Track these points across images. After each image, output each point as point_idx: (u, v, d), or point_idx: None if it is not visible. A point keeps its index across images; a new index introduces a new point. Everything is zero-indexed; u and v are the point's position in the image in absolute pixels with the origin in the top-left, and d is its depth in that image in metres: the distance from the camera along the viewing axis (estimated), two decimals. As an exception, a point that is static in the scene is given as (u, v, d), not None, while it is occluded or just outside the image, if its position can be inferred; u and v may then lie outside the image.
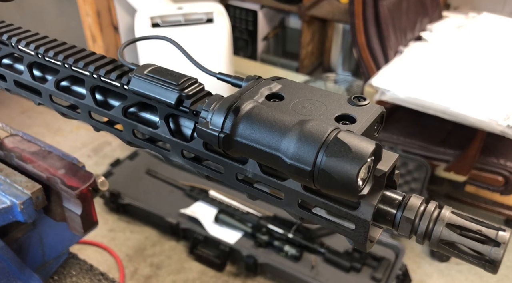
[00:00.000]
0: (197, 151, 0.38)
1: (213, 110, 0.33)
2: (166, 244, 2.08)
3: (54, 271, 0.74)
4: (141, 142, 0.42)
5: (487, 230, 0.31)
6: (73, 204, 0.61)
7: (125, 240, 2.11)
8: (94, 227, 0.64)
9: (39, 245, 0.68)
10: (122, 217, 2.19)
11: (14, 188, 0.60)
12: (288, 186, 0.34)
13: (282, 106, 0.34)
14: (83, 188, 0.60)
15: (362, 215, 0.32)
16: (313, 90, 0.36)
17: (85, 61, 0.43)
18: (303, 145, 0.29)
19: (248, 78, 0.38)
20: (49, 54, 0.45)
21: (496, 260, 0.30)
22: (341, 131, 0.29)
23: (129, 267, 2.00)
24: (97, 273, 0.75)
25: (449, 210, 0.32)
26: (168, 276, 1.95)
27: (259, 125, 0.31)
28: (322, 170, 0.29)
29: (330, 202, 0.33)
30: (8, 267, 0.62)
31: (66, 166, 0.64)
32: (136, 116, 0.43)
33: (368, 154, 0.28)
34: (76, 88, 0.46)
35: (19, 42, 0.46)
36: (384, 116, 0.35)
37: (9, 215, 0.59)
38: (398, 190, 0.34)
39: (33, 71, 0.47)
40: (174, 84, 0.38)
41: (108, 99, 0.45)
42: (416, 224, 0.32)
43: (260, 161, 0.34)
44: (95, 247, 2.06)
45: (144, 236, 2.12)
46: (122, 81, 0.41)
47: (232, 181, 0.37)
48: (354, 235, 0.33)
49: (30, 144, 0.68)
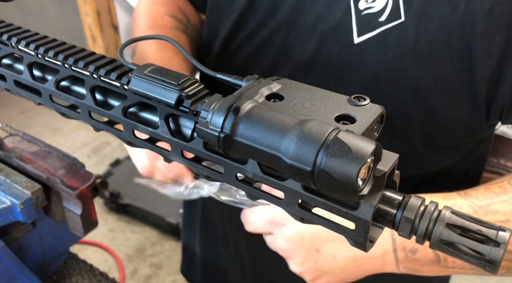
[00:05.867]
0: (197, 151, 0.38)
1: (213, 110, 0.33)
2: (166, 244, 2.08)
3: (54, 271, 0.74)
4: (141, 142, 0.42)
5: (487, 230, 0.31)
6: (73, 204, 0.61)
7: (125, 240, 2.11)
8: (94, 227, 0.64)
9: (39, 245, 0.68)
10: (122, 217, 2.19)
11: (14, 188, 0.60)
12: (288, 186, 0.34)
13: (282, 106, 0.34)
14: (83, 188, 0.60)
15: (362, 215, 0.32)
16: (313, 90, 0.36)
17: (85, 61, 0.43)
18: (303, 145, 0.29)
19: (248, 78, 0.38)
20: (49, 54, 0.45)
21: (496, 260, 0.30)
22: (341, 131, 0.29)
23: (129, 267, 2.00)
24: (97, 273, 0.75)
25: (449, 210, 0.32)
26: (168, 276, 1.95)
27: (259, 125, 0.31)
28: (322, 170, 0.29)
29: (330, 202, 0.33)
30: (8, 267, 0.62)
31: (66, 166, 0.64)
32: (136, 116, 0.43)
33: (368, 154, 0.28)
34: (76, 88, 0.46)
35: (19, 42, 0.46)
36: (384, 116, 0.35)
37: (9, 215, 0.59)
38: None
39: (33, 71, 0.47)
40: (174, 84, 0.38)
41: (108, 99, 0.45)
42: (416, 224, 0.32)
43: (260, 161, 0.34)
44: (95, 247, 2.07)
45: (144, 236, 2.12)
46: (122, 81, 0.41)
47: (232, 181, 0.37)
48: (354, 235, 0.33)
49: (30, 144, 0.68)
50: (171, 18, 0.84)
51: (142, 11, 0.86)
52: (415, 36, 0.61)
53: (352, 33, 0.64)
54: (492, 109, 0.63)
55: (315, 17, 0.66)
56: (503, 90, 0.61)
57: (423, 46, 0.61)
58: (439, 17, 0.59)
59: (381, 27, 0.62)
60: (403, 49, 0.62)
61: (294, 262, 0.64)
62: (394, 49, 0.62)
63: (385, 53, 0.62)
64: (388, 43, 0.62)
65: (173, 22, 0.84)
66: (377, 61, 0.63)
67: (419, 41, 0.61)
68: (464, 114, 0.64)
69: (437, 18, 0.60)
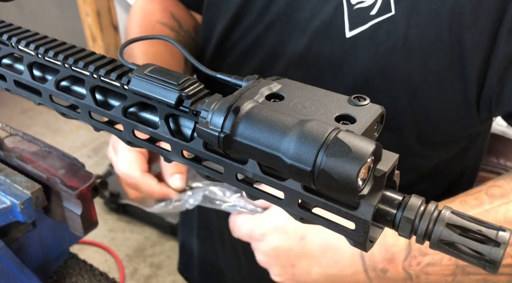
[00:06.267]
0: (197, 151, 0.38)
1: (213, 110, 0.33)
2: (166, 244, 2.08)
3: (54, 271, 0.74)
4: (141, 142, 0.42)
5: (487, 230, 0.31)
6: (73, 204, 0.61)
7: (125, 240, 2.11)
8: (94, 227, 0.64)
9: (39, 245, 0.68)
10: (122, 217, 2.19)
11: (14, 188, 0.60)
12: (288, 186, 0.34)
13: (282, 106, 0.34)
14: (83, 188, 0.60)
15: (362, 215, 0.32)
16: (313, 90, 0.36)
17: (85, 61, 0.43)
18: (303, 145, 0.29)
19: (248, 78, 0.38)
20: (49, 54, 0.44)
21: (496, 260, 0.30)
22: (341, 131, 0.29)
23: (129, 267, 2.00)
24: (97, 273, 0.75)
25: (449, 210, 0.32)
26: (168, 276, 1.95)
27: (259, 125, 0.31)
28: (322, 170, 0.29)
29: (330, 202, 0.33)
30: (8, 267, 0.62)
31: (66, 166, 0.64)
32: (136, 116, 0.43)
33: (368, 154, 0.28)
34: (76, 88, 0.46)
35: (19, 42, 0.46)
36: (384, 116, 0.35)
37: (9, 215, 0.59)
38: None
39: (33, 71, 0.47)
40: (174, 84, 0.38)
41: (108, 99, 0.45)
42: (416, 224, 0.32)
43: (260, 161, 0.34)
44: (95, 247, 2.07)
45: (144, 236, 2.12)
46: (122, 81, 0.41)
47: (232, 181, 0.37)
48: (354, 235, 0.33)
49: (30, 144, 0.68)
50: (162, 26, 0.86)
51: (135, 21, 0.88)
52: (406, 30, 0.62)
53: (344, 28, 0.65)
54: (482, 101, 0.64)
55: (309, 13, 0.67)
56: (490, 82, 0.62)
57: (413, 40, 0.62)
58: (429, 11, 0.60)
59: (372, 20, 0.63)
60: (394, 42, 0.62)
61: (272, 273, 0.67)
62: (385, 42, 0.63)
63: (377, 47, 0.63)
64: (379, 36, 0.63)
65: (163, 31, 0.85)
66: (368, 55, 0.64)
67: (409, 34, 0.62)
68: (455, 108, 0.65)
69: (426, 11, 0.61)
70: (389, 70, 0.64)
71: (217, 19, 0.78)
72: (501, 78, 0.61)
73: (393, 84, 0.64)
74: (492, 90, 0.62)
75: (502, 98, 0.63)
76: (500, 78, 0.61)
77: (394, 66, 0.63)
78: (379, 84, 0.65)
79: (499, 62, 0.60)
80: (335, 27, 0.65)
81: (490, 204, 0.59)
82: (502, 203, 0.59)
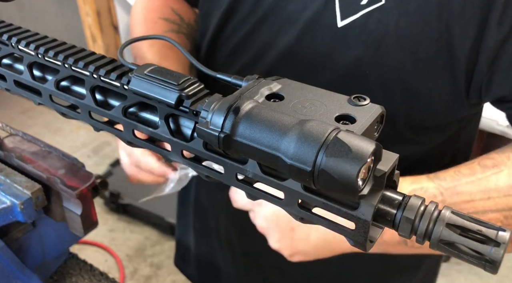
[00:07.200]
0: (197, 151, 0.38)
1: (213, 110, 0.33)
2: (166, 244, 2.08)
3: (54, 271, 0.74)
4: (141, 142, 0.42)
5: (487, 230, 0.31)
6: (73, 204, 0.61)
7: (125, 240, 2.11)
8: (94, 227, 0.64)
9: (39, 245, 0.68)
10: (122, 217, 2.19)
11: (14, 188, 0.60)
12: (288, 186, 0.34)
13: (282, 106, 0.34)
14: (83, 188, 0.60)
15: (362, 215, 0.32)
16: (313, 90, 0.36)
17: (85, 61, 0.43)
18: (303, 145, 0.29)
19: (248, 78, 0.38)
20: (49, 54, 0.45)
21: (496, 260, 0.30)
22: (341, 131, 0.29)
23: (129, 267, 2.00)
24: (97, 273, 0.75)
25: (449, 210, 0.32)
26: (168, 276, 1.95)
27: (259, 125, 0.31)
28: (322, 170, 0.29)
29: (330, 202, 0.33)
30: (8, 267, 0.62)
31: (66, 166, 0.64)
32: (136, 116, 0.43)
33: (368, 154, 0.28)
34: (76, 88, 0.46)
35: (19, 42, 0.46)
36: (384, 116, 0.35)
37: (9, 215, 0.59)
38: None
39: (33, 71, 0.47)
40: (174, 84, 0.38)
41: (108, 99, 0.45)
42: (416, 224, 0.32)
43: (260, 161, 0.34)
44: (95, 247, 2.07)
45: (144, 236, 2.12)
46: (122, 81, 0.41)
47: (232, 181, 0.38)
48: (354, 235, 0.33)
49: (30, 144, 0.68)
50: (164, 21, 0.87)
51: (137, 20, 0.90)
52: (396, 18, 0.62)
53: (336, 18, 0.66)
54: (471, 88, 0.65)
55: (301, 4, 0.68)
56: (480, 69, 0.63)
57: (403, 28, 0.63)
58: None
59: (363, 10, 0.64)
60: (384, 31, 0.63)
61: (272, 239, 0.67)
62: (376, 31, 0.64)
63: (368, 36, 0.64)
64: (370, 26, 0.64)
65: (166, 25, 0.86)
66: (360, 44, 0.65)
67: (399, 23, 0.62)
68: (444, 94, 0.66)
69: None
70: (380, 58, 0.65)
71: (211, 14, 0.79)
72: (491, 65, 0.62)
73: (384, 72, 0.65)
74: (482, 77, 0.63)
75: (491, 85, 0.64)
76: (490, 65, 0.62)
77: (385, 55, 0.64)
78: (370, 73, 0.66)
79: (489, 50, 0.61)
80: (326, 17, 0.66)
81: (482, 173, 0.62)
82: (493, 173, 0.62)
